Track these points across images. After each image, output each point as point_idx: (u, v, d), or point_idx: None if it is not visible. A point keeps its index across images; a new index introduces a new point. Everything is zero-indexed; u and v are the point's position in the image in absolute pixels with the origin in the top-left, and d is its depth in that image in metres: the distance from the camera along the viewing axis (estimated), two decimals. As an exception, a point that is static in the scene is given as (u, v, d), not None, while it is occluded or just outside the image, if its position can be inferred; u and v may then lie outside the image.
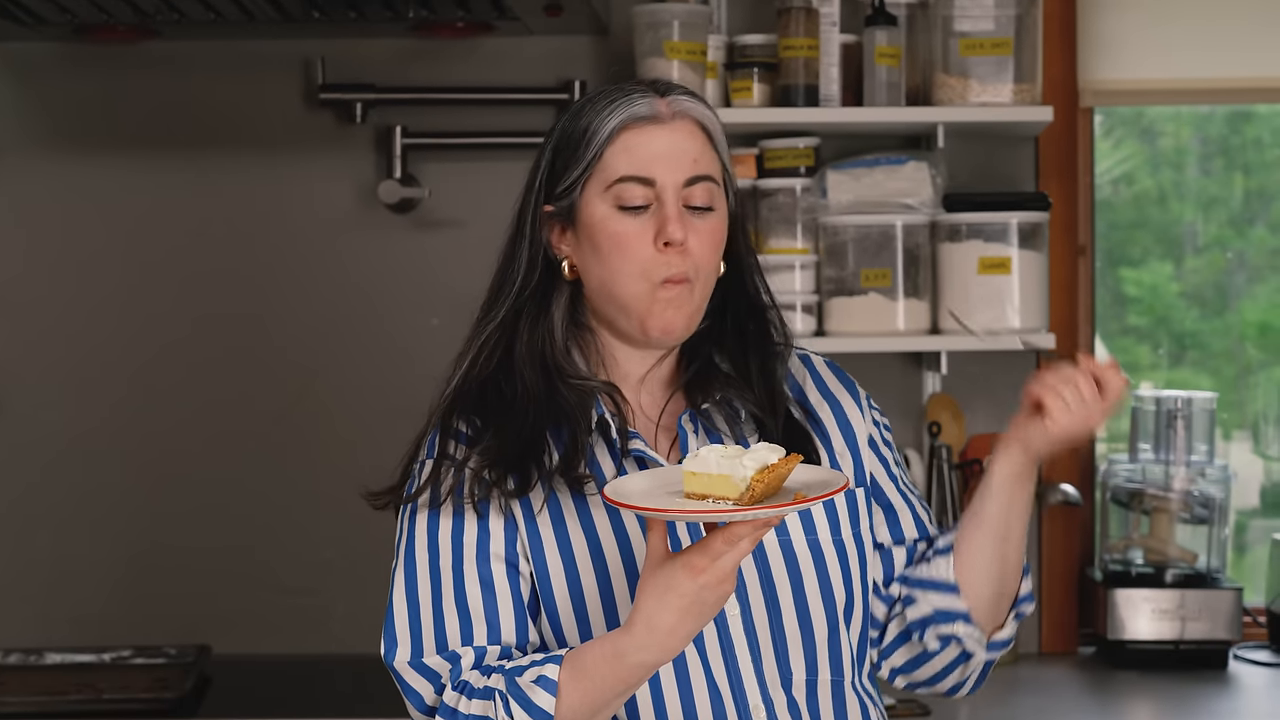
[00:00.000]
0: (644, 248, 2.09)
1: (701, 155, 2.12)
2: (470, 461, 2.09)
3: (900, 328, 3.63)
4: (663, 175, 2.09)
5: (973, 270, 3.61)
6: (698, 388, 2.19)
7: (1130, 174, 4.42)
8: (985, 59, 3.58)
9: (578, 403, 2.13)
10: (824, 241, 3.66)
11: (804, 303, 3.64)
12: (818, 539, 2.14)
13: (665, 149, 2.09)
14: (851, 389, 2.30)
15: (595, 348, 2.18)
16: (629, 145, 2.09)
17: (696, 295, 2.12)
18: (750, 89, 3.64)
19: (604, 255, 2.11)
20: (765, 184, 3.68)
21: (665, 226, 2.07)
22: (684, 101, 2.13)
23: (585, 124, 2.12)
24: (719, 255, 2.15)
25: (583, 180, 2.11)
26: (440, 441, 2.14)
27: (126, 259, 3.89)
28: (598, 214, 2.11)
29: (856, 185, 3.66)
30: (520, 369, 2.13)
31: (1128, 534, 3.74)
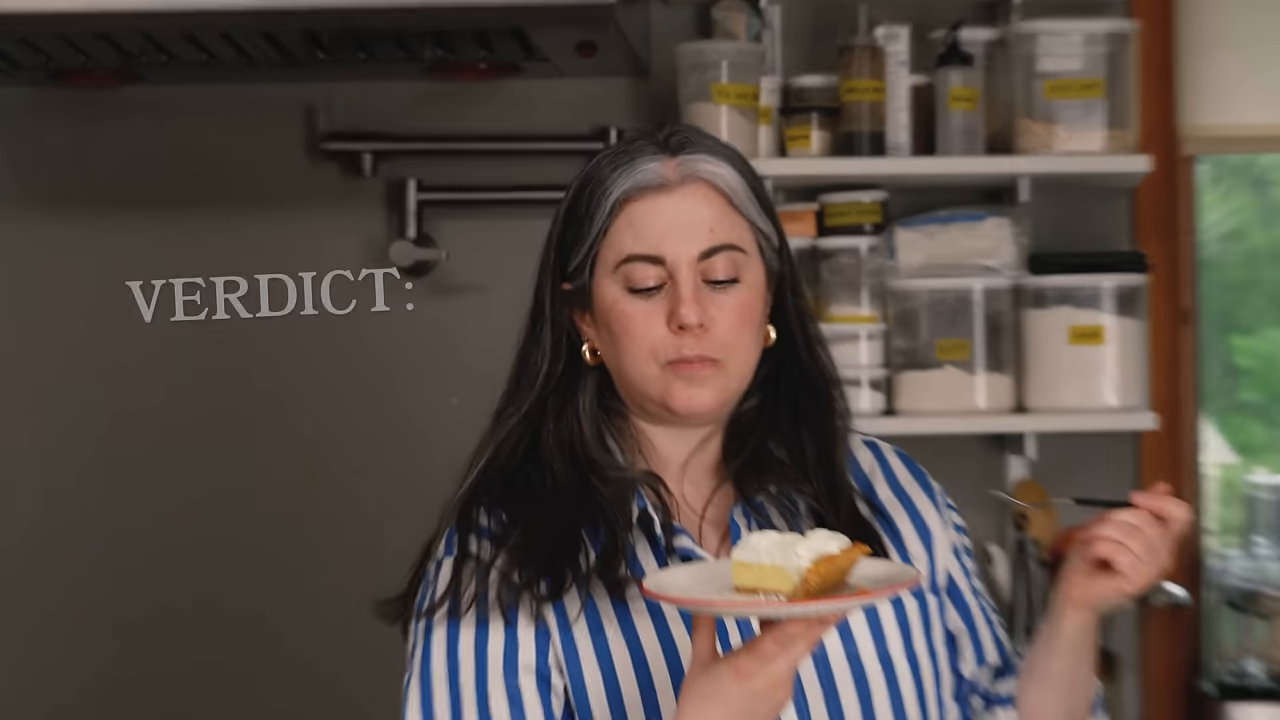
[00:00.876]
0: (654, 329, 2.09)
1: (720, 221, 2.10)
2: (497, 561, 2.09)
3: (980, 406, 3.63)
4: (674, 251, 2.08)
5: (1062, 340, 3.61)
6: (749, 476, 2.17)
7: (1240, 229, 4.41)
8: (1073, 102, 3.59)
9: (615, 497, 2.12)
10: (893, 308, 3.67)
11: (870, 378, 3.64)
12: (888, 651, 2.11)
13: (674, 220, 2.09)
14: (927, 486, 2.29)
15: (630, 434, 2.19)
16: (633, 219, 2.09)
17: (729, 374, 2.11)
18: (808, 137, 3.66)
19: (616, 339, 2.11)
20: (826, 243, 3.69)
21: (678, 309, 2.07)
22: (697, 162, 2.12)
23: (589, 194, 2.12)
24: (752, 328, 2.13)
25: (590, 260, 2.12)
26: (460, 538, 2.12)
27: (105, 328, 3.92)
28: (609, 297, 2.11)
29: (929, 244, 3.67)
30: (549, 462, 2.14)
31: (1243, 640, 3.73)
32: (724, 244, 2.10)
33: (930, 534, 2.25)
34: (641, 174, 2.10)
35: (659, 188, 2.10)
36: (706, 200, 2.11)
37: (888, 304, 3.69)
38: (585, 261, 2.12)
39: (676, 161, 2.11)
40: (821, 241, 3.70)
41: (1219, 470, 4.09)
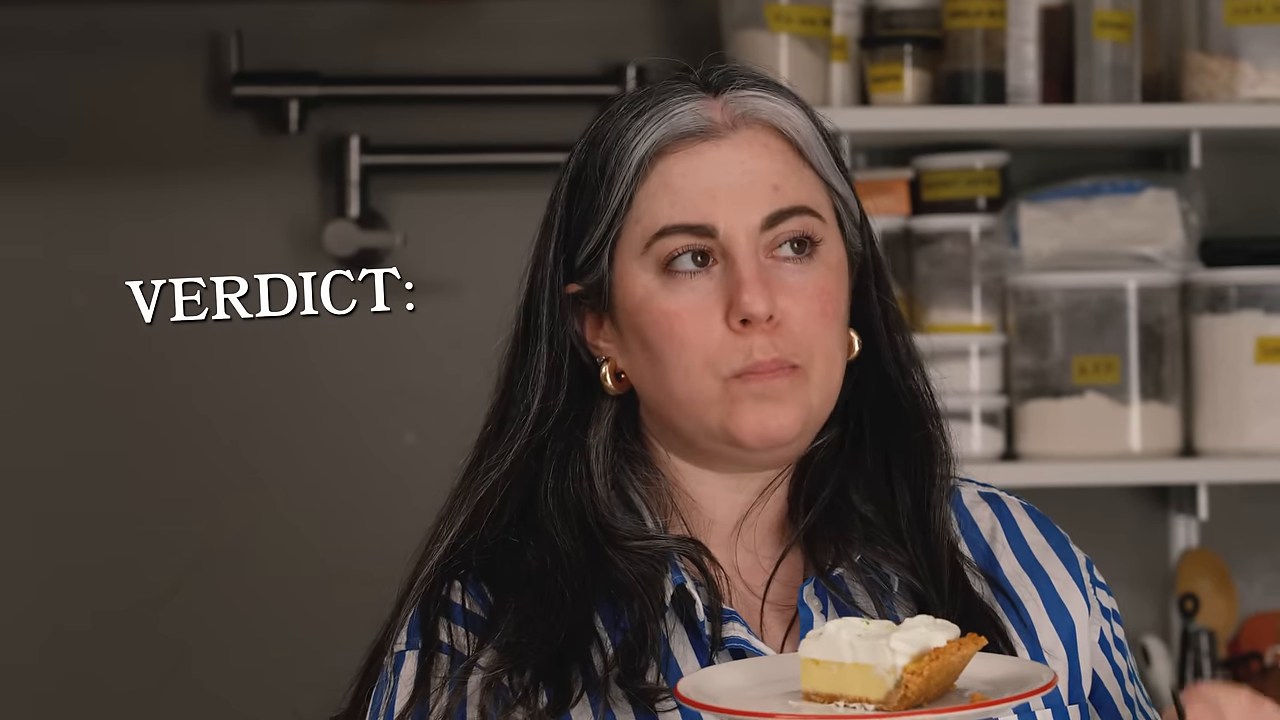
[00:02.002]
0: (710, 330, 2.03)
1: (786, 176, 2.05)
2: (481, 659, 2.04)
3: (1135, 448, 3.63)
4: (728, 217, 2.03)
5: (1247, 358, 3.63)
6: (825, 538, 2.12)
7: None
8: (1264, 29, 3.62)
9: (641, 575, 2.08)
10: (1015, 314, 3.68)
11: (984, 409, 3.65)
12: None
13: (727, 177, 2.05)
14: (1068, 555, 2.20)
15: (661, 485, 2.13)
16: (669, 178, 2.05)
17: (814, 382, 2.04)
18: (900, 79, 3.65)
19: (654, 349, 2.05)
20: (923, 224, 3.70)
21: (739, 296, 2.01)
22: (751, 97, 2.07)
23: (606, 152, 2.08)
24: (838, 323, 2.07)
25: (610, 240, 2.07)
26: (426, 625, 2.07)
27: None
28: (639, 291, 2.06)
29: (1065, 227, 3.68)
30: (548, 532, 2.09)
31: None
32: (794, 206, 2.04)
33: (1072, 621, 2.18)
34: (678, 118, 2.05)
35: (702, 135, 2.05)
36: (768, 149, 2.06)
37: (1008, 308, 3.67)
38: (602, 246, 2.07)
39: (722, 101, 2.06)
40: (917, 222, 3.70)
41: None
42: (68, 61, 3.86)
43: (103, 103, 3.86)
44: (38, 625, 3.94)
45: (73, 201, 3.85)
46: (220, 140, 3.85)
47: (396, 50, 3.84)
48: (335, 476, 3.79)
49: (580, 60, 3.81)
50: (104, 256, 3.84)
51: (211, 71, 3.84)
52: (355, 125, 3.79)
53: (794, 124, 2.06)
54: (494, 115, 3.82)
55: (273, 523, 3.81)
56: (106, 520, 3.86)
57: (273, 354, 3.81)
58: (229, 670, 3.83)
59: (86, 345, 3.81)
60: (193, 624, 3.84)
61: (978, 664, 1.87)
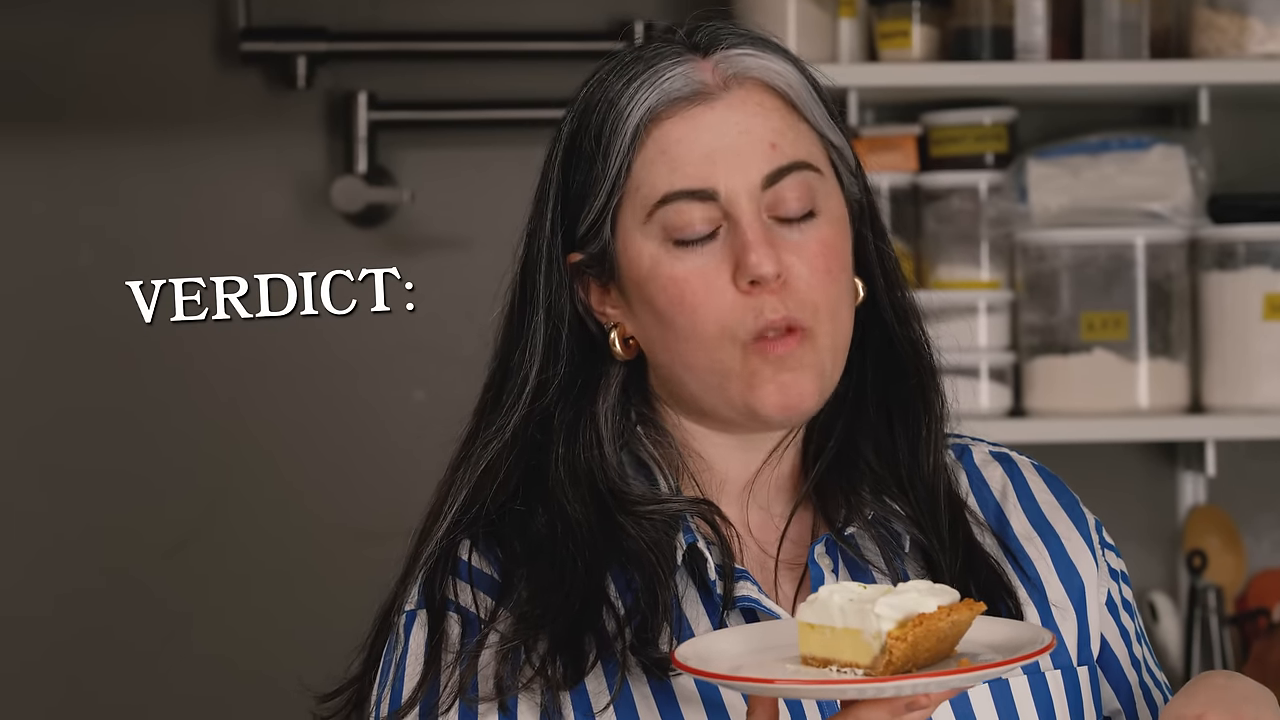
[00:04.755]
0: (721, 294, 2.03)
1: (783, 134, 2.05)
2: (498, 624, 2.06)
3: (1142, 405, 3.63)
4: (728, 179, 2.03)
5: (1256, 314, 3.64)
6: (835, 491, 2.13)
7: None
8: None
9: (653, 541, 2.08)
10: (1023, 270, 3.68)
11: (992, 365, 3.65)
12: None
13: (724, 138, 2.04)
14: (1078, 515, 2.21)
15: (671, 446, 2.14)
16: (666, 145, 2.04)
17: (822, 344, 2.04)
18: (909, 35, 3.66)
19: (665, 317, 2.06)
20: (931, 180, 3.70)
21: (746, 257, 2.01)
22: (741, 56, 2.05)
23: (601, 120, 2.06)
24: (845, 278, 2.08)
25: (610, 209, 2.07)
26: (438, 580, 2.08)
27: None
28: (645, 259, 2.06)
29: (1074, 183, 3.67)
30: (557, 501, 2.10)
31: None
32: (792, 162, 2.04)
33: (1081, 582, 2.18)
34: (669, 82, 2.03)
35: (695, 99, 2.04)
36: (762, 108, 2.06)
37: (1016, 264, 3.67)
38: (604, 216, 2.07)
39: (712, 62, 2.05)
40: (925, 178, 3.70)
41: None
42: (75, 18, 3.85)
43: (110, 58, 3.86)
44: (46, 581, 3.98)
45: (80, 157, 3.85)
46: (228, 96, 3.84)
47: (403, 6, 3.83)
48: (344, 434, 3.79)
49: (588, 16, 3.81)
50: (112, 210, 3.85)
51: (219, 27, 3.83)
52: (363, 81, 3.79)
53: (786, 79, 2.06)
54: (502, 71, 3.82)
55: (280, 480, 3.81)
56: (112, 477, 3.86)
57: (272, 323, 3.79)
58: (236, 628, 3.86)
59: (93, 301, 3.80)
60: (199, 582, 3.87)
61: (981, 628, 1.86)
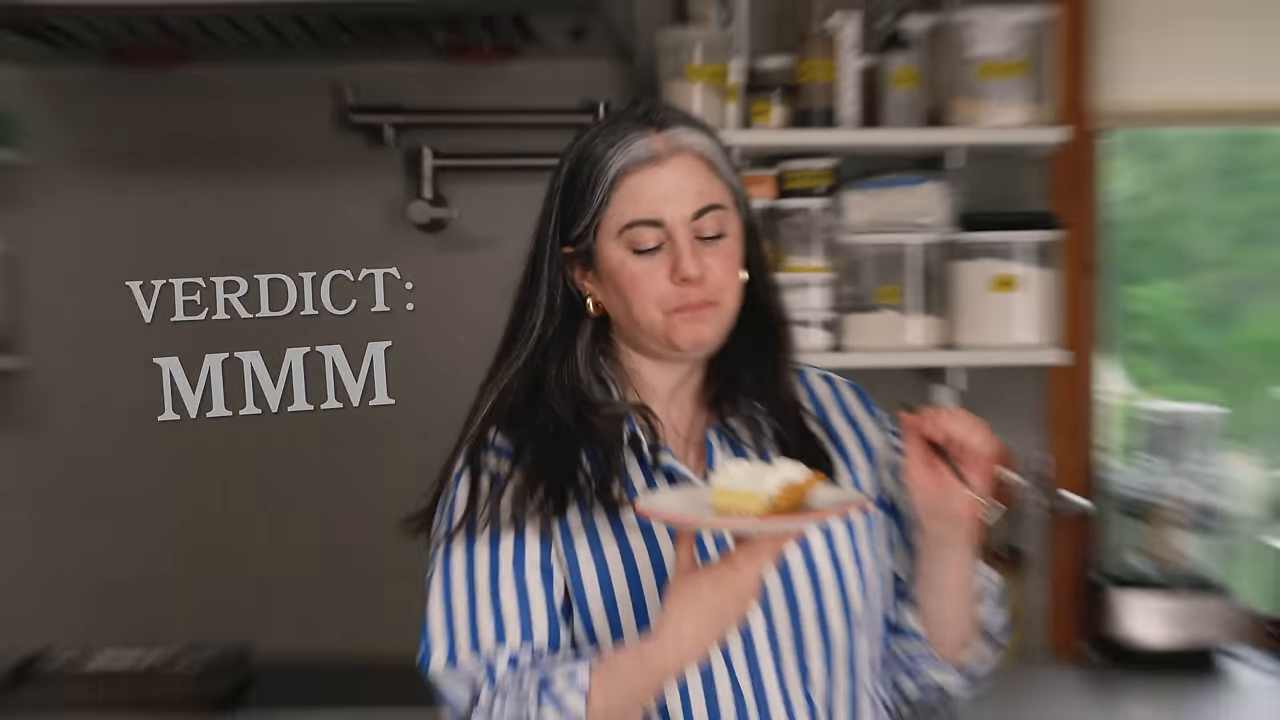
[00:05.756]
0: (660, 283, 2.10)
1: (706, 186, 2.11)
2: (511, 479, 2.11)
3: (915, 343, 3.58)
4: (671, 214, 2.08)
5: (984, 288, 3.56)
6: (724, 401, 2.20)
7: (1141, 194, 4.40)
8: (999, 82, 3.52)
9: (609, 427, 2.14)
10: (841, 260, 3.60)
11: (821, 319, 3.58)
12: (838, 555, 2.14)
13: (669, 189, 2.09)
14: (872, 411, 2.30)
15: (623, 370, 2.19)
16: (633, 191, 2.09)
17: (722, 311, 2.12)
18: (769, 111, 3.58)
19: (625, 294, 2.11)
20: (784, 204, 3.61)
21: (680, 264, 2.08)
22: (682, 135, 2.11)
23: (590, 170, 2.11)
24: (737, 269, 2.14)
25: (594, 226, 2.11)
26: (478, 454, 2.14)
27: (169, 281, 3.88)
28: (615, 258, 2.11)
29: (873, 205, 3.62)
30: (551, 403, 2.14)
31: (1131, 540, 3.75)
32: (711, 204, 2.11)
33: (875, 455, 2.27)
34: (635, 150, 2.09)
35: (652, 160, 2.09)
36: (693, 169, 2.11)
37: (837, 257, 3.62)
38: (589, 229, 2.11)
39: (664, 137, 2.10)
40: (781, 202, 3.63)
41: (1116, 399, 4.09)
42: (246, 99, 3.80)
43: (264, 126, 3.83)
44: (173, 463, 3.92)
45: (243, 190, 3.79)
46: (342, 150, 3.78)
47: (454, 92, 3.79)
48: (414, 361, 3.77)
49: (569, 99, 3.79)
50: (263, 225, 3.84)
51: (336, 105, 3.81)
52: (428, 140, 3.76)
53: (708, 149, 2.12)
54: (516, 134, 3.80)
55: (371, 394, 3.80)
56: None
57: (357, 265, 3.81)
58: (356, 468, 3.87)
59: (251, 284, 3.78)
60: (330, 439, 3.85)
61: (820, 492, 1.95)
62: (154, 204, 3.88)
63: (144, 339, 3.98)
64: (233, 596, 3.86)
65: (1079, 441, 3.87)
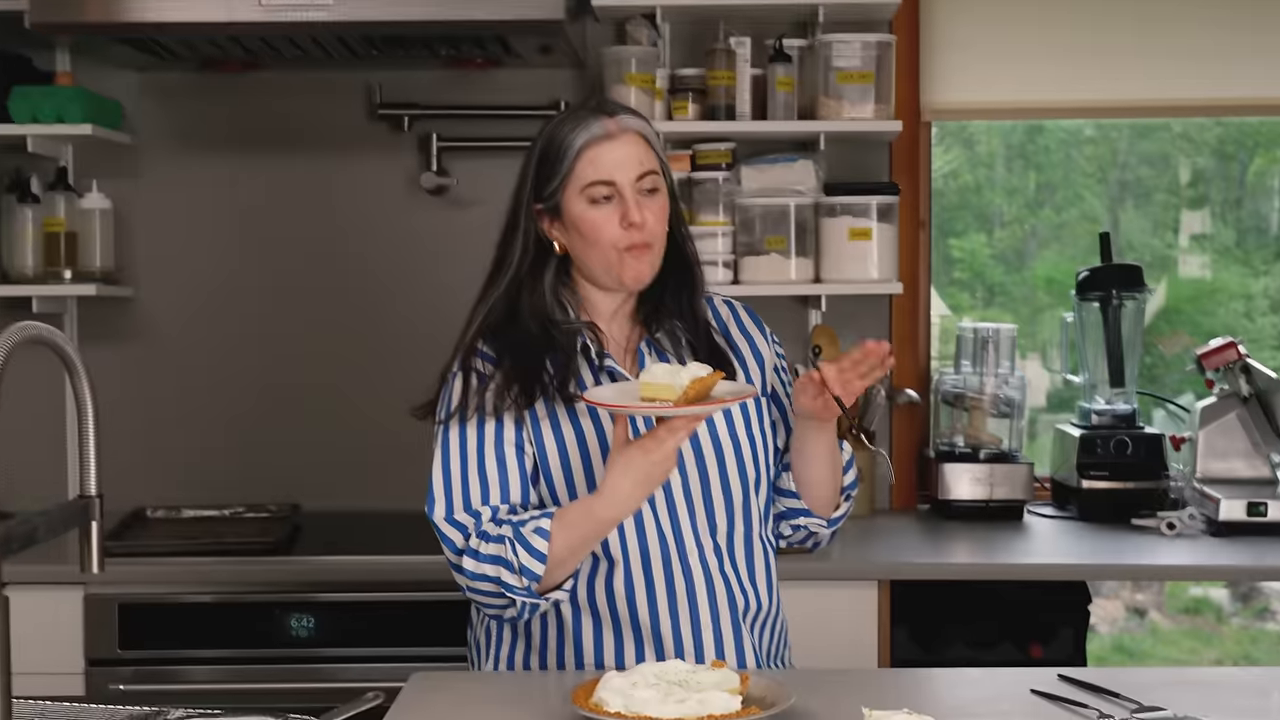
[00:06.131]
0: (614, 229, 2.07)
1: (645, 156, 2.09)
2: (494, 378, 2.08)
3: (793, 278, 3.53)
4: (620, 176, 2.07)
5: (844, 238, 3.52)
6: (652, 320, 2.19)
7: (955, 170, 4.43)
8: (854, 86, 3.48)
9: (567, 339, 2.11)
10: (738, 217, 3.54)
11: (724, 260, 3.52)
12: (735, 431, 2.14)
13: (620, 157, 2.07)
14: (761, 327, 2.29)
15: (578, 297, 2.16)
16: (593, 159, 2.06)
17: (655, 252, 2.11)
18: (686, 108, 3.52)
19: (585, 237, 2.08)
20: (697, 176, 3.55)
21: (629, 212, 2.06)
22: (627, 119, 2.10)
23: (559, 144, 2.08)
24: (666, 220, 2.12)
25: (562, 186, 2.08)
26: (468, 359, 2.11)
27: (241, 231, 3.79)
28: (576, 209, 2.08)
29: (762, 177, 3.56)
30: (524, 320, 2.11)
31: (953, 425, 3.75)
32: (650, 170, 2.10)
33: (763, 359, 2.26)
34: (594, 129, 2.08)
35: (606, 137, 2.08)
36: (636, 143, 2.10)
37: (735, 214, 3.55)
38: (558, 188, 2.09)
39: (615, 120, 2.09)
40: (694, 175, 3.55)
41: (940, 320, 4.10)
42: (299, 97, 3.76)
43: (317, 117, 3.74)
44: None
45: (303, 165, 3.76)
46: (370, 135, 3.74)
47: (455, 92, 3.75)
48: (425, 292, 3.77)
49: (538, 98, 3.75)
50: (314, 190, 3.79)
51: (367, 102, 3.76)
52: (436, 128, 3.71)
53: (646, 131, 2.14)
54: (500, 123, 3.76)
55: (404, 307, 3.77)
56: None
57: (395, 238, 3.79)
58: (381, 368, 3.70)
59: (304, 239, 3.75)
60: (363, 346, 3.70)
61: (722, 385, 1.97)
62: (229, 175, 3.82)
63: (221, 273, 3.92)
64: (284, 466, 3.77)
65: (914, 351, 3.86)
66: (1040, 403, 4.42)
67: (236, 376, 3.81)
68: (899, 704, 1.69)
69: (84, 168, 3.71)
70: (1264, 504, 3.34)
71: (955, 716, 1.79)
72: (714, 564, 2.11)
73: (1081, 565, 3.21)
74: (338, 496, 3.74)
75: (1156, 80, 3.76)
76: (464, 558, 2.02)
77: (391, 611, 3.09)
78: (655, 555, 2.08)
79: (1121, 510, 3.54)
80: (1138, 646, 5.04)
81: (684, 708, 1.68)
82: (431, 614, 3.03)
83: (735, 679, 1.79)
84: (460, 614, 2.31)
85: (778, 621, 2.22)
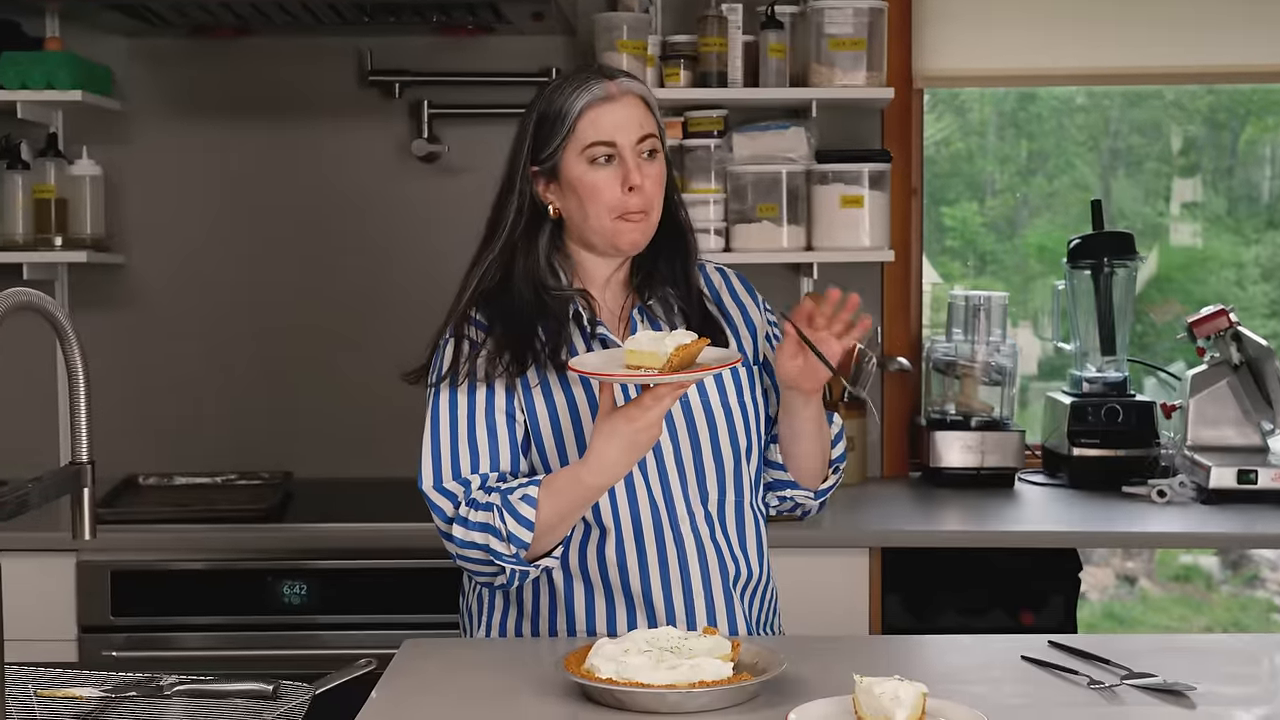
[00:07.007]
0: (613, 192, 2.06)
1: (645, 120, 2.08)
2: (486, 344, 2.07)
3: (784, 246, 3.53)
4: (621, 138, 2.05)
5: (836, 206, 3.51)
6: (645, 287, 2.18)
7: (947, 138, 4.42)
8: (846, 53, 3.46)
9: (559, 305, 2.10)
10: (730, 184, 3.54)
11: (716, 228, 3.52)
12: (727, 399, 2.14)
13: (621, 119, 2.05)
14: (754, 295, 2.28)
15: (571, 263, 2.14)
16: (594, 120, 2.05)
17: (651, 219, 2.10)
18: (678, 74, 3.53)
19: (584, 199, 2.07)
20: (689, 143, 3.55)
21: (629, 175, 2.05)
22: (628, 83, 2.10)
23: (559, 105, 2.06)
24: (663, 186, 2.11)
25: (562, 147, 2.06)
26: (461, 326, 2.10)
27: (233, 198, 3.78)
28: (576, 171, 2.06)
29: (754, 144, 3.54)
30: (517, 286, 2.10)
31: (945, 392, 3.75)
32: (650, 133, 2.09)
33: (755, 327, 2.25)
34: (596, 90, 2.07)
35: (607, 99, 2.06)
36: (637, 106, 2.09)
37: (727, 181, 3.55)
38: (558, 149, 2.07)
39: (616, 83, 2.08)
40: (686, 142, 3.56)
41: (931, 288, 4.10)
42: (290, 62, 3.74)
43: (306, 82, 3.73)
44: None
45: (294, 130, 3.75)
46: (362, 101, 3.73)
47: (446, 59, 3.73)
48: (416, 258, 3.76)
49: (530, 65, 3.74)
50: (306, 156, 3.77)
51: (358, 69, 3.74)
52: (427, 95, 3.70)
53: (646, 94, 2.13)
54: (491, 90, 3.74)
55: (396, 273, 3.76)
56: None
57: (388, 203, 3.78)
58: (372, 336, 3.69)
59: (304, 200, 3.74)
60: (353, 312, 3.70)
61: (709, 352, 1.96)
62: (220, 141, 3.80)
63: (212, 240, 3.92)
64: (277, 433, 3.77)
65: (905, 318, 3.86)
66: (1031, 370, 4.43)
67: (228, 343, 3.80)
68: (890, 671, 1.67)
69: (74, 134, 3.69)
70: (1254, 472, 3.35)
71: (946, 683, 1.79)
72: (705, 532, 2.11)
73: (1072, 533, 3.23)
74: (330, 464, 3.74)
75: (1148, 48, 3.76)
76: (453, 526, 2.01)
77: (384, 578, 3.10)
78: (647, 523, 2.08)
79: (1112, 478, 3.55)
80: (1128, 614, 5.07)
81: (676, 674, 1.68)
82: (424, 581, 3.03)
83: (727, 646, 1.78)
84: (453, 581, 2.30)
85: (768, 590, 2.23)
